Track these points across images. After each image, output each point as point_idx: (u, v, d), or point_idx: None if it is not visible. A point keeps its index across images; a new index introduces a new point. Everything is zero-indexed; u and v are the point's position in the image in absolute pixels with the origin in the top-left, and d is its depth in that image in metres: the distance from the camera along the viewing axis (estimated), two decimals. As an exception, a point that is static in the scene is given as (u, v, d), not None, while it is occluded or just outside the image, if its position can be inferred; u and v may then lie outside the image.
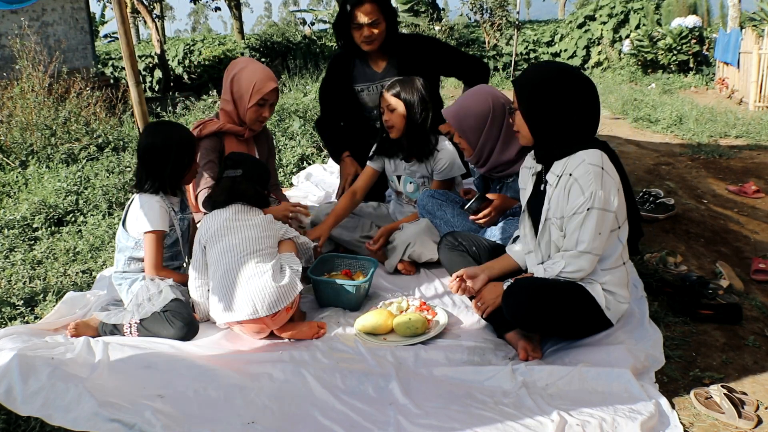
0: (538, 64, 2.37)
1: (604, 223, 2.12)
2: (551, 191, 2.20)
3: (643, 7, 14.43)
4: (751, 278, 2.99)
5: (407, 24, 15.89)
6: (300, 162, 5.54)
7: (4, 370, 1.91)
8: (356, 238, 3.22)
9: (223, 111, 3.03)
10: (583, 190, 2.09)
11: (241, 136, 3.05)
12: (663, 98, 9.46)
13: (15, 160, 5.27)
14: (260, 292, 2.29)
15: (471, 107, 2.76)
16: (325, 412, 1.90)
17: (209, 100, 8.17)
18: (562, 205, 2.16)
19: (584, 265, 2.14)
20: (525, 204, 2.37)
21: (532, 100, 2.18)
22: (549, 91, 2.15)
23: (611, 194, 2.11)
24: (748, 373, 2.17)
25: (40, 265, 3.25)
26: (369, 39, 3.39)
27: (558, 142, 2.19)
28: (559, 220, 2.18)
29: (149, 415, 1.79)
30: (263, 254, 2.39)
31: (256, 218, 2.49)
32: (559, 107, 2.14)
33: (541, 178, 2.30)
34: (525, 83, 2.21)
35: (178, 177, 2.57)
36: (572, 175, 2.12)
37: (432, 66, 3.53)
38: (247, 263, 2.35)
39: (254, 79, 2.92)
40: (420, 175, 3.22)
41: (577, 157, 2.14)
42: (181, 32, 61.97)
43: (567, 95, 2.14)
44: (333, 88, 3.68)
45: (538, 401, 1.94)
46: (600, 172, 2.10)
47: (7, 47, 8.37)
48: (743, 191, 4.43)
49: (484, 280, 2.38)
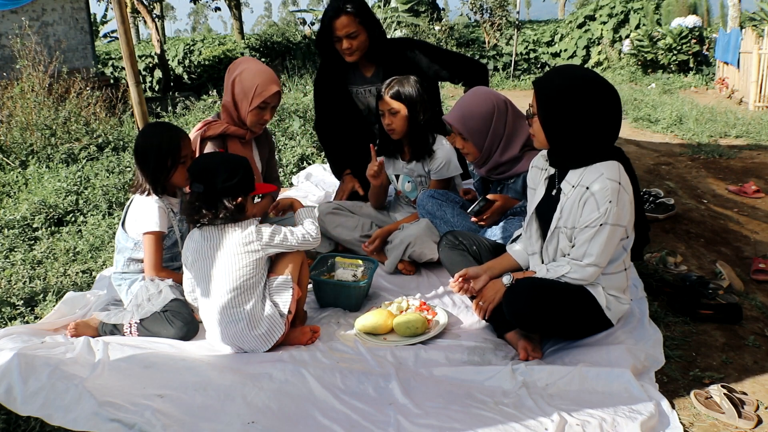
0: (563, 70, 2.22)
1: (614, 238, 2.12)
2: (564, 200, 2.17)
3: (643, 7, 14.44)
4: (751, 278, 2.99)
5: (407, 24, 15.88)
6: (300, 162, 5.53)
7: (4, 370, 1.91)
8: (356, 238, 3.22)
9: (224, 111, 3.01)
10: (599, 205, 2.07)
11: (243, 139, 3.03)
12: (663, 98, 9.46)
13: (15, 160, 5.27)
14: (238, 337, 2.28)
15: (475, 109, 2.75)
16: (325, 412, 1.90)
17: (209, 100, 8.18)
18: (575, 217, 2.14)
19: (588, 275, 2.15)
20: (534, 206, 2.34)
21: (553, 108, 2.10)
22: (572, 101, 2.06)
23: (625, 209, 2.10)
24: (748, 373, 2.17)
25: (40, 265, 3.25)
26: (349, 51, 3.40)
27: (575, 152, 2.14)
28: (570, 230, 2.17)
29: (149, 415, 1.79)
30: (239, 291, 2.24)
31: (228, 240, 2.25)
32: (580, 119, 2.06)
33: (553, 183, 2.28)
34: (547, 89, 2.12)
35: (161, 180, 2.51)
36: (589, 188, 2.09)
37: (423, 71, 3.50)
38: (222, 304, 2.25)
39: (256, 81, 2.87)
40: (417, 174, 3.23)
41: (594, 170, 2.10)
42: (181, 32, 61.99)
43: (590, 107, 2.05)
44: (326, 88, 3.67)
45: (538, 401, 1.94)
46: (617, 188, 2.07)
47: (7, 47, 8.38)
48: (743, 191, 4.43)
49: (485, 280, 2.38)
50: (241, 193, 2.26)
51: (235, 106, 2.94)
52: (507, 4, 15.57)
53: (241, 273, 2.25)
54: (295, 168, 5.37)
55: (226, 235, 2.27)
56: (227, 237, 2.26)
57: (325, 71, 3.67)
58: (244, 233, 2.26)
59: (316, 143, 5.94)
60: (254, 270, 2.28)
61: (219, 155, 2.27)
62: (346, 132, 3.71)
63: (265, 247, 2.29)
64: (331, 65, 3.60)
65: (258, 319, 2.27)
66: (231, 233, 2.27)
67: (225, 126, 2.95)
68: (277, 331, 2.30)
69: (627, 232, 2.17)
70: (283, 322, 2.31)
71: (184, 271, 2.39)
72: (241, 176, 2.26)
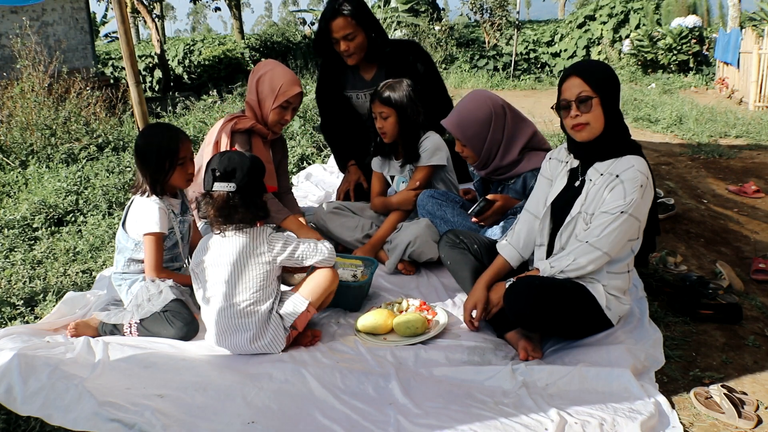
0: (592, 60, 2.41)
1: (630, 229, 2.15)
2: (590, 186, 2.21)
3: (643, 7, 14.44)
4: (751, 278, 2.99)
5: (407, 24, 15.89)
6: (300, 162, 5.54)
7: (4, 370, 1.91)
8: (356, 238, 3.22)
9: (248, 108, 3.10)
10: (626, 194, 2.11)
11: (265, 138, 3.11)
12: (663, 98, 9.46)
13: (15, 160, 5.27)
14: (238, 348, 2.27)
15: (472, 114, 2.76)
16: (325, 412, 1.90)
17: (209, 100, 8.18)
18: (597, 202, 2.18)
19: (593, 260, 2.15)
20: (553, 197, 2.34)
21: (610, 88, 2.19)
22: (617, 85, 2.22)
23: (646, 206, 2.15)
24: (748, 373, 2.17)
25: (40, 265, 3.25)
26: (347, 53, 3.42)
27: (620, 137, 2.22)
28: (590, 216, 2.19)
29: (149, 415, 1.79)
30: (247, 303, 2.22)
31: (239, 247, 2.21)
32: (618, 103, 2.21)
33: (575, 175, 2.31)
34: (600, 73, 2.20)
35: (161, 180, 2.50)
36: (619, 177, 2.14)
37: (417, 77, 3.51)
38: (229, 314, 2.23)
39: (280, 81, 3.00)
40: (411, 172, 3.25)
41: (626, 161, 2.17)
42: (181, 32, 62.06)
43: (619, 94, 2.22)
44: (326, 93, 3.72)
45: (538, 401, 1.94)
46: (646, 182, 2.13)
47: (7, 47, 8.38)
48: (743, 191, 4.43)
49: (483, 297, 2.37)
50: (263, 188, 2.29)
51: (259, 103, 3.05)
52: (507, 4, 15.57)
53: (250, 284, 2.22)
54: (295, 168, 5.37)
55: (239, 241, 2.23)
56: (240, 243, 2.23)
57: (325, 77, 3.68)
58: (255, 242, 2.23)
59: (316, 143, 5.95)
60: (264, 281, 2.24)
61: (236, 154, 2.28)
62: (349, 131, 3.74)
63: (276, 258, 2.24)
64: (331, 69, 3.61)
65: (260, 333, 2.24)
66: (243, 240, 2.23)
67: (252, 122, 3.05)
68: (278, 346, 2.27)
69: (639, 232, 2.19)
70: (285, 336, 2.29)
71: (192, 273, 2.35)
72: (262, 172, 2.28)
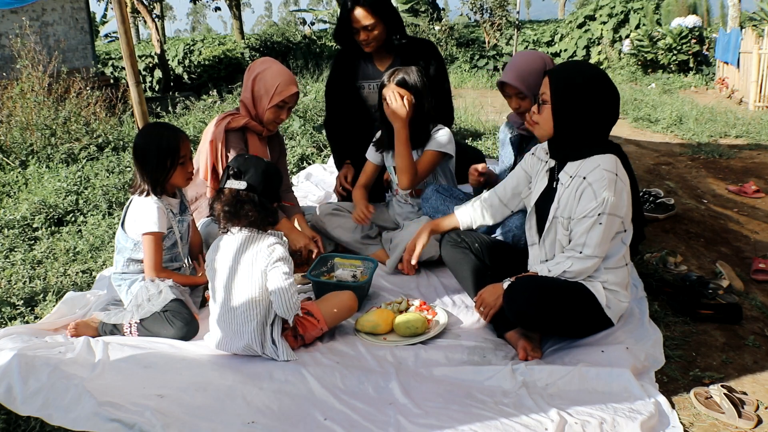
0: (577, 64, 2.44)
1: (612, 228, 2.16)
2: (562, 190, 2.23)
3: (643, 7, 14.43)
4: (751, 278, 2.99)
5: (407, 24, 15.88)
6: (300, 162, 5.54)
7: (4, 370, 1.91)
8: (356, 239, 3.22)
9: (243, 107, 3.08)
10: (596, 195, 2.12)
11: (260, 135, 3.09)
12: (663, 98, 9.46)
13: (15, 160, 5.27)
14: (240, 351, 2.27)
15: (529, 66, 2.75)
16: (325, 412, 1.90)
17: (209, 100, 8.17)
18: (572, 206, 2.19)
19: (588, 267, 2.18)
20: (535, 199, 2.38)
21: (569, 99, 2.18)
22: (586, 95, 2.17)
23: (622, 201, 2.15)
24: (748, 373, 2.17)
25: (40, 265, 3.25)
26: (366, 42, 3.45)
27: (577, 143, 2.21)
28: (566, 220, 2.21)
29: (149, 415, 1.79)
30: (246, 308, 2.20)
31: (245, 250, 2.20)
32: (590, 112, 2.17)
33: (554, 175, 2.32)
34: (564, 80, 2.20)
35: (160, 180, 2.50)
36: (586, 178, 2.15)
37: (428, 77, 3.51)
38: (233, 318, 2.22)
39: (278, 80, 2.97)
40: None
41: (592, 162, 2.18)
42: (181, 32, 62.07)
43: (600, 102, 2.17)
44: (338, 84, 3.70)
45: (538, 401, 1.94)
46: (614, 178, 2.13)
47: (7, 47, 8.38)
48: (743, 191, 4.43)
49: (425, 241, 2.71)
50: (277, 193, 2.31)
51: (254, 102, 3.03)
52: (507, 4, 15.57)
53: (252, 290, 2.20)
54: (295, 168, 5.38)
55: (245, 243, 2.22)
56: (247, 246, 2.22)
57: (338, 66, 3.69)
58: (260, 246, 2.21)
59: (316, 143, 5.94)
60: (263, 287, 2.21)
61: (254, 157, 2.28)
62: (353, 128, 3.73)
63: (267, 268, 2.19)
64: (346, 58, 3.63)
65: (261, 341, 2.23)
66: (251, 242, 2.22)
67: (246, 119, 3.03)
68: (279, 354, 2.25)
69: (624, 225, 2.21)
70: (287, 344, 2.27)
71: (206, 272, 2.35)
72: (277, 177, 2.30)
